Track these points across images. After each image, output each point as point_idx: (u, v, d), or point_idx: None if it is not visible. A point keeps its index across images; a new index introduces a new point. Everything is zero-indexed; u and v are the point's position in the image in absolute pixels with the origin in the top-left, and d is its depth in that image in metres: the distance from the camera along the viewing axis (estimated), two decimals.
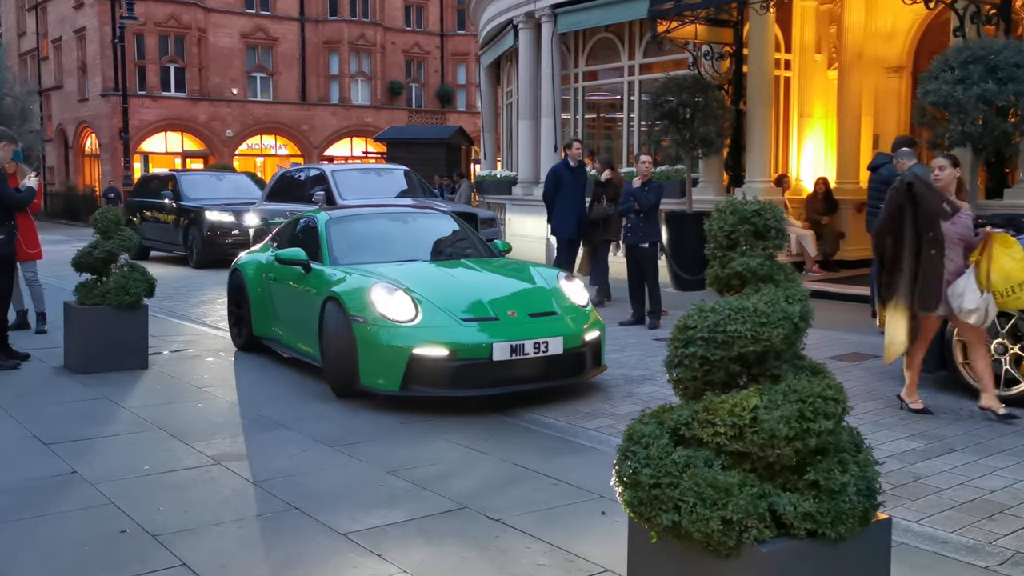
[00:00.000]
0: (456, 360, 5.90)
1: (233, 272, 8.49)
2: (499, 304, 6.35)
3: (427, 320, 6.06)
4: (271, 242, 8.34)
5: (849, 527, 2.53)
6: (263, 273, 7.90)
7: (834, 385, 2.69)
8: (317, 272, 7.01)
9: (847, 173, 13.54)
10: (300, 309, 7.10)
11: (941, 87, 8.99)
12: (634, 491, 2.67)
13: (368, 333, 6.08)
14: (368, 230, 7.80)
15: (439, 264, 7.33)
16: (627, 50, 15.38)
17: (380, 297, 6.17)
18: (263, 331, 7.89)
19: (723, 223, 2.80)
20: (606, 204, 10.48)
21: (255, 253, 8.50)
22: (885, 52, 13.98)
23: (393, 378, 5.98)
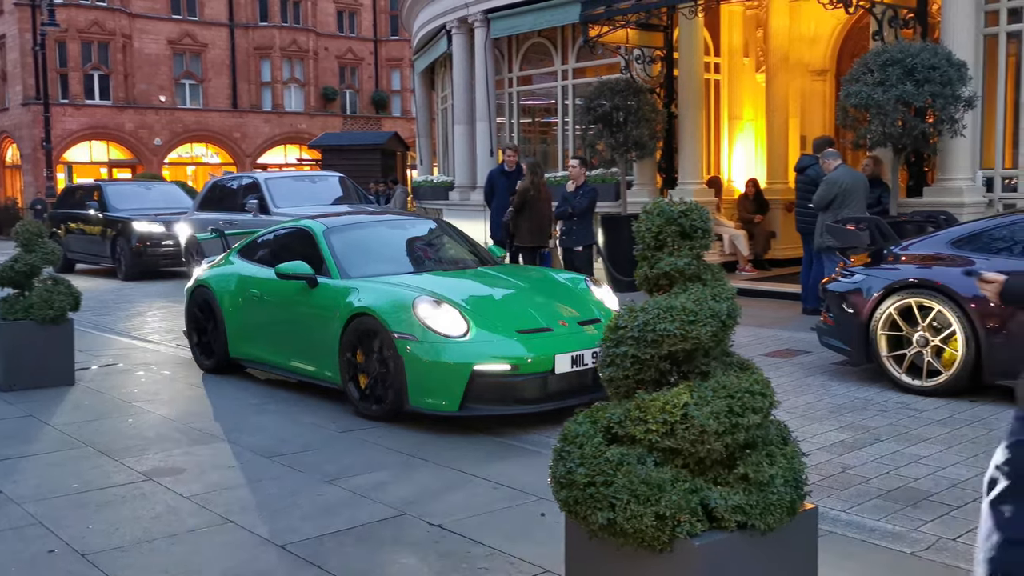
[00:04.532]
0: (518, 375, 5.59)
1: (197, 288, 7.72)
2: (547, 314, 6.06)
3: (482, 334, 5.69)
4: (240, 256, 7.64)
5: (777, 518, 2.59)
6: (244, 288, 7.25)
7: (761, 380, 2.76)
8: (328, 287, 6.45)
9: (776, 174, 13.86)
10: (307, 327, 6.54)
11: (862, 89, 9.28)
12: (569, 491, 2.70)
13: (419, 350, 5.63)
14: (369, 240, 7.31)
15: (461, 274, 6.91)
16: (560, 54, 15.51)
17: (428, 311, 5.73)
18: (244, 352, 7.24)
19: (650, 224, 2.85)
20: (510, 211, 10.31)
21: (221, 266, 7.73)
22: (809, 56, 14.35)
23: (452, 397, 5.57)
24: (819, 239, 8.93)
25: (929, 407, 5.97)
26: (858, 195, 8.90)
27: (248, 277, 7.29)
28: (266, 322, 7.03)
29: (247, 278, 7.29)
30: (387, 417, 5.85)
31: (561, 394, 5.74)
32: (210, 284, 7.58)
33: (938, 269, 6.38)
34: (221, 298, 7.39)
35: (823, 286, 7.25)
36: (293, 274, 6.55)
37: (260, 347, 7.08)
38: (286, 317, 6.82)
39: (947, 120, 9.21)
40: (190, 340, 7.88)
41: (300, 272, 6.54)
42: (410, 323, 5.70)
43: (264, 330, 7.05)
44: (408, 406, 5.74)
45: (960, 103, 9.16)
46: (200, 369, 7.65)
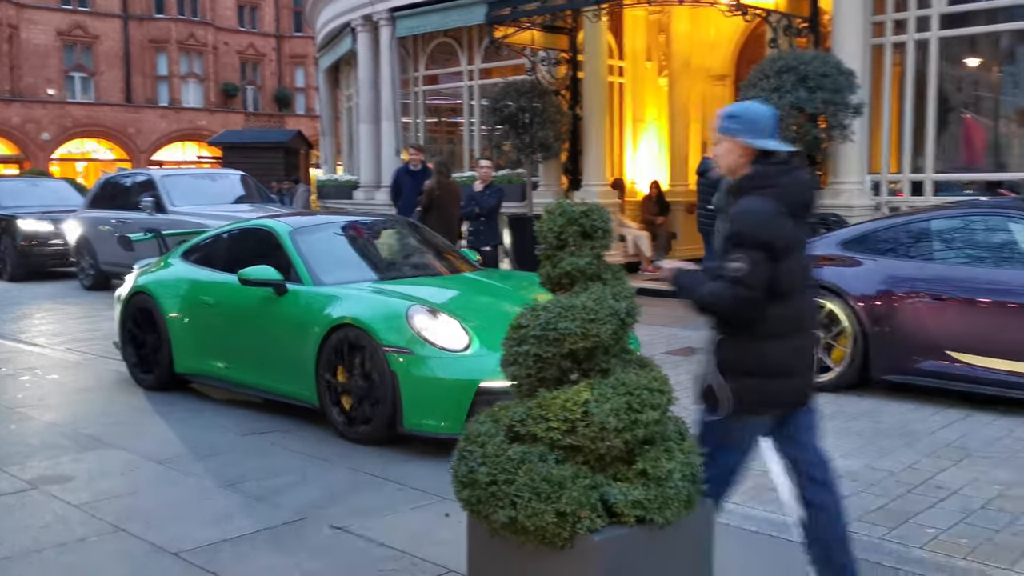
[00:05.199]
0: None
1: (134, 296, 6.89)
2: None
3: (485, 346, 5.13)
4: (185, 259, 6.91)
5: (675, 512, 2.65)
6: (193, 296, 6.51)
7: (660, 377, 2.82)
8: (300, 295, 5.79)
9: (678, 176, 14.18)
10: (275, 340, 5.86)
11: (758, 95, 9.56)
12: (471, 490, 2.71)
13: (416, 366, 5.09)
14: (340, 243, 6.68)
15: (447, 281, 6.38)
16: (466, 55, 15.52)
17: (424, 322, 5.20)
18: (194, 367, 6.50)
19: (552, 224, 2.88)
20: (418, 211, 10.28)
21: (161, 271, 6.95)
22: (710, 61, 14.72)
23: (453, 418, 4.99)
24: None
25: (820, 402, 6.18)
26: None
27: (198, 283, 6.55)
28: (222, 334, 6.31)
29: (197, 284, 6.55)
30: (376, 440, 5.24)
31: None
32: (151, 291, 6.75)
33: (829, 269, 6.62)
34: (165, 307, 6.59)
35: None
36: (258, 280, 5.85)
37: (215, 362, 6.35)
38: (248, 328, 6.11)
39: (838, 126, 9.58)
40: (124, 354, 7.04)
41: (267, 278, 5.83)
42: (404, 335, 5.15)
43: (220, 343, 6.33)
44: (402, 428, 5.17)
45: (849, 110, 9.54)
46: (140, 387, 6.83)
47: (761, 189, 2.98)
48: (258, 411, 6.13)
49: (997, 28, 10.32)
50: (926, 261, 6.36)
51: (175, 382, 6.67)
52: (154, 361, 6.74)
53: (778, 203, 2.95)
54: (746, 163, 3.06)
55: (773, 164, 3.04)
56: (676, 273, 3.11)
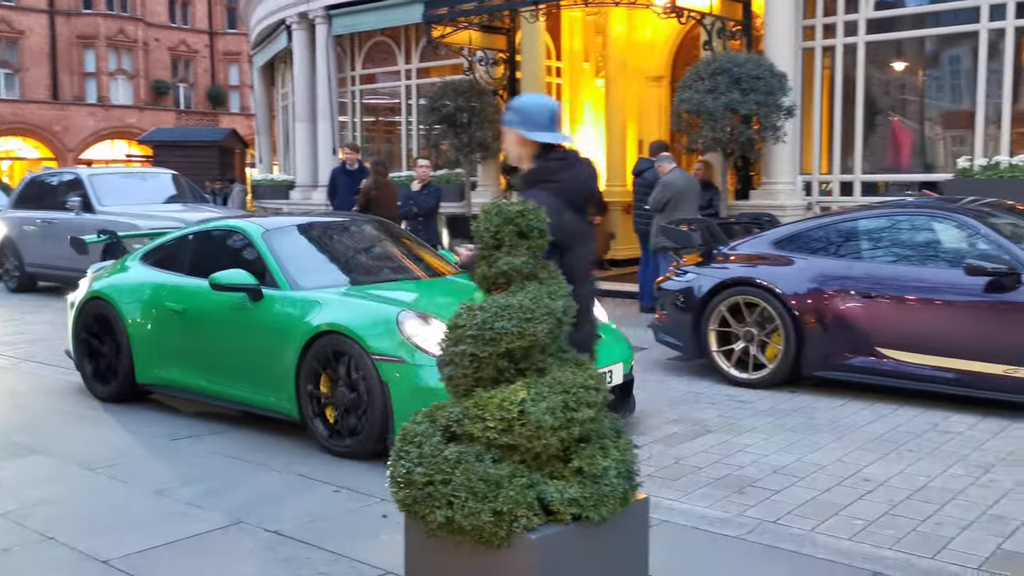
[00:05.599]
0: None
1: (89, 301, 6.47)
2: None
3: None
4: (145, 263, 6.50)
5: (611, 508, 2.68)
6: (157, 301, 6.10)
7: (595, 376, 2.85)
8: (277, 300, 5.45)
9: (616, 177, 14.30)
10: (251, 348, 5.50)
11: (693, 96, 9.72)
12: (408, 490, 2.70)
13: (408, 376, 4.80)
14: (316, 244, 6.33)
15: (433, 284, 6.05)
16: (404, 54, 15.44)
17: (416, 329, 4.91)
18: (158, 377, 6.11)
19: (489, 224, 2.88)
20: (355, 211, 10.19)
21: (118, 274, 6.52)
22: (646, 62, 14.88)
23: None
24: (655, 240, 9.28)
25: (755, 399, 6.32)
26: (691, 197, 9.32)
27: (163, 288, 6.14)
28: (190, 342, 5.92)
29: (162, 289, 6.14)
30: (364, 454, 4.95)
31: None
32: (109, 296, 6.32)
33: (762, 268, 6.75)
34: (125, 313, 6.19)
35: (658, 285, 7.54)
36: (232, 285, 5.48)
37: (183, 372, 5.96)
38: (220, 336, 5.73)
39: (770, 127, 9.77)
40: (79, 363, 6.63)
41: (241, 283, 5.48)
42: (395, 343, 4.88)
43: (188, 352, 5.93)
44: (393, 441, 4.94)
45: (781, 111, 9.74)
46: (95, 398, 6.43)
47: (543, 184, 3.09)
48: (190, 415, 6.02)
49: (922, 33, 10.63)
50: (855, 260, 6.52)
51: (136, 394, 6.29)
52: (112, 371, 6.34)
53: (559, 198, 3.06)
54: (528, 155, 3.18)
55: (554, 159, 3.15)
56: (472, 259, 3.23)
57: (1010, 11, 9.50)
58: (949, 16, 10.19)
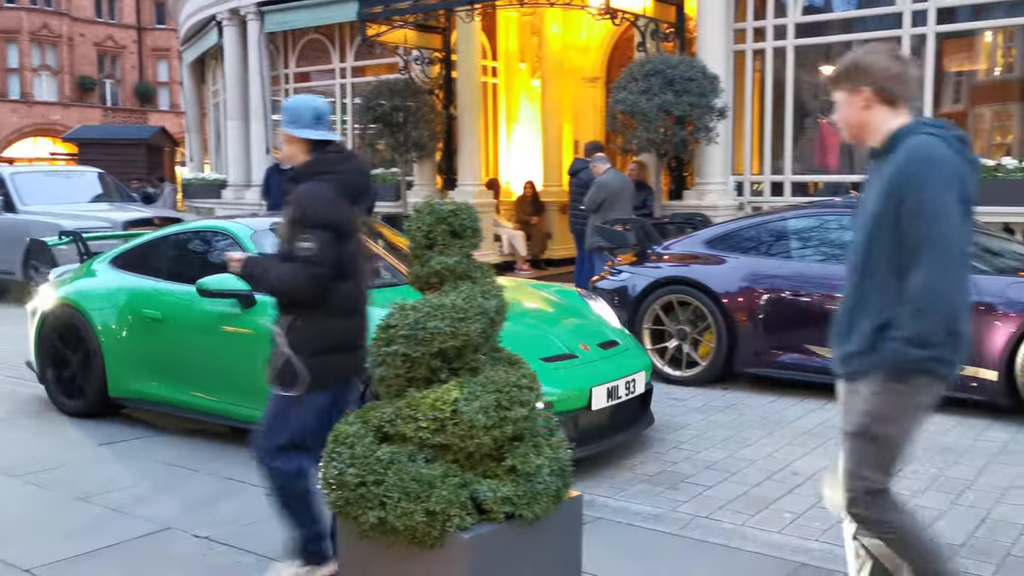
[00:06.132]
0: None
1: (55, 308, 5.98)
2: (564, 337, 5.11)
3: None
4: (116, 267, 6.02)
5: (544, 506, 2.69)
6: (133, 309, 5.66)
7: (529, 374, 2.85)
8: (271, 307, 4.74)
9: (552, 177, 14.36)
10: (241, 359, 5.00)
11: (628, 97, 9.80)
12: (340, 492, 2.67)
13: None
14: None
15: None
16: (338, 52, 15.28)
17: None
18: (134, 390, 5.68)
19: (421, 224, 2.87)
20: None
21: (85, 279, 6.05)
22: (582, 63, 14.97)
23: None
24: (590, 239, 9.34)
25: (688, 396, 6.41)
26: (625, 197, 9.41)
27: (140, 294, 5.70)
28: (172, 353, 5.49)
29: (138, 295, 5.70)
30: None
31: (594, 435, 4.82)
32: (78, 303, 5.85)
33: (695, 267, 6.86)
34: (96, 321, 5.74)
35: (593, 284, 7.60)
36: (222, 291, 5.00)
37: (163, 385, 5.55)
38: (206, 346, 5.31)
39: (703, 128, 9.91)
40: (42, 376, 6.14)
41: (232, 289, 4.96)
42: None
43: (169, 363, 5.52)
44: None
45: (714, 113, 9.89)
46: (62, 413, 5.98)
47: (320, 175, 3.21)
48: (118, 420, 5.86)
49: (849, 38, 10.89)
50: (785, 259, 6.66)
51: (107, 408, 5.87)
52: (82, 384, 5.88)
53: (336, 188, 3.18)
54: (301, 152, 3.30)
55: (331, 152, 3.29)
56: (245, 262, 3.34)
57: (931, 17, 9.79)
58: (874, 21, 10.47)
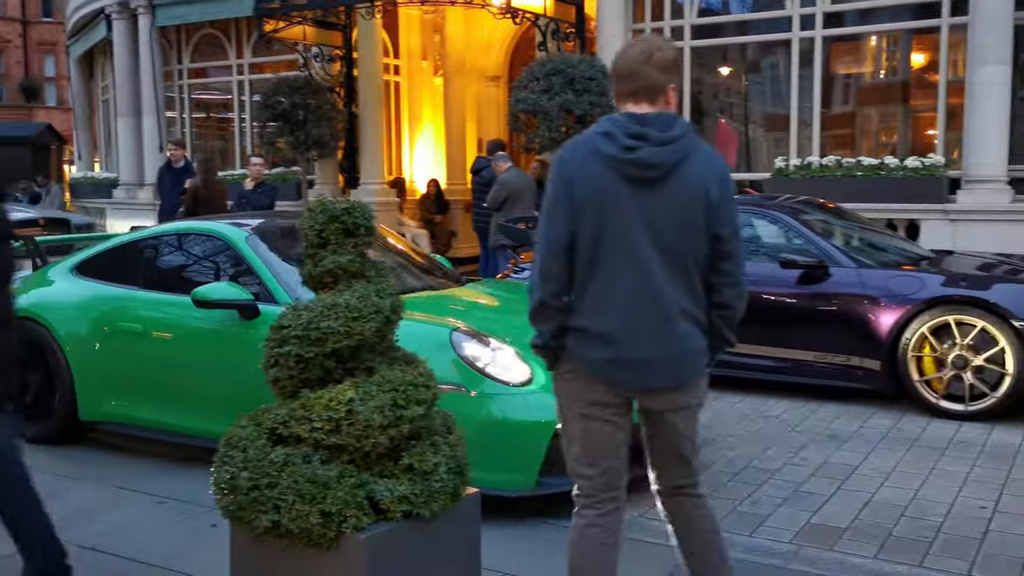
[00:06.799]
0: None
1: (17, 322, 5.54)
2: None
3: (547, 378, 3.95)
4: (82, 275, 5.47)
5: (441, 504, 2.69)
6: (109, 321, 5.12)
7: (425, 373, 2.84)
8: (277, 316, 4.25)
9: (456, 175, 14.36)
10: (243, 376, 4.34)
11: (529, 96, 9.86)
12: (233, 496, 2.62)
13: (473, 408, 4.00)
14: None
15: (457, 296, 5.27)
16: (235, 48, 14.93)
17: (476, 350, 4.17)
18: (110, 412, 5.13)
19: (313, 222, 2.82)
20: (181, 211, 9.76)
21: (46, 289, 5.49)
22: (484, 62, 15.00)
23: (526, 469, 4.02)
24: (493, 237, 9.38)
25: None
26: (527, 196, 9.48)
27: (115, 305, 5.16)
28: (157, 370, 4.96)
29: (115, 307, 5.15)
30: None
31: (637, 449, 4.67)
32: (40, 317, 5.25)
33: None
34: (63, 337, 5.18)
35: None
36: (221, 301, 4.55)
37: (145, 406, 5.01)
38: (199, 362, 4.79)
39: None
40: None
41: (233, 298, 4.54)
42: (454, 369, 4.08)
43: (152, 382, 5.00)
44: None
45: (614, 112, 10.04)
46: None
47: None
48: None
49: (743, 40, 11.22)
50: None
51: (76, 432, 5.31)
52: (46, 407, 5.29)
53: None
54: None
55: None
56: None
57: (818, 22, 10.16)
58: (767, 24, 10.80)
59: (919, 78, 10.26)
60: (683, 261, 2.55)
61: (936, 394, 5.73)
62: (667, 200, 2.53)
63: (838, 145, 10.51)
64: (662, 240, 2.53)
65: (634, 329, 2.55)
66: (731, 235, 2.58)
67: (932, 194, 8.90)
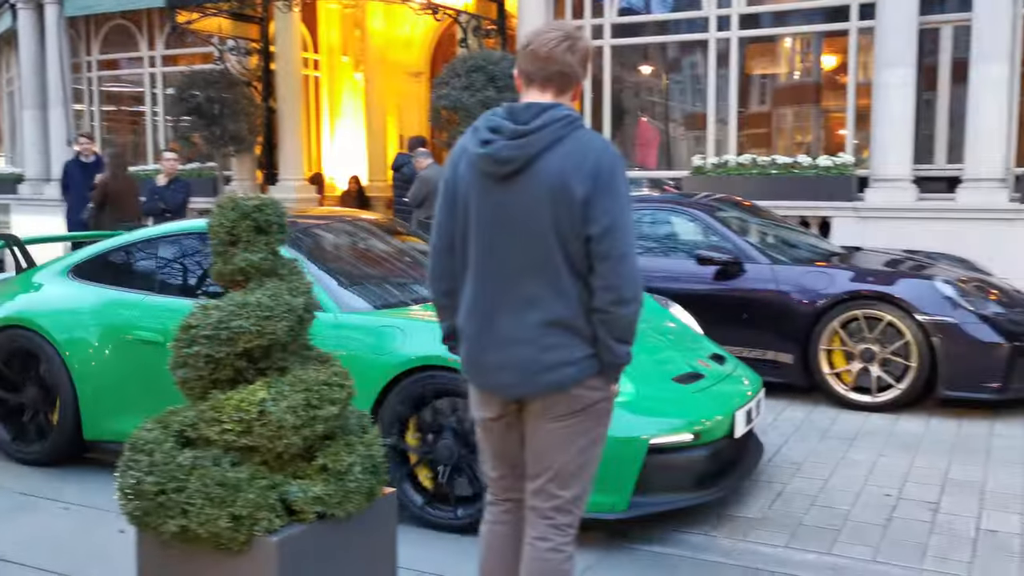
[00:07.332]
0: (700, 446, 3.86)
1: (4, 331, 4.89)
2: (678, 351, 4.48)
3: (640, 389, 3.84)
4: (82, 278, 4.98)
5: (356, 504, 2.65)
6: (118, 329, 4.64)
7: (340, 372, 2.80)
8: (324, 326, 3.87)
9: (377, 171, 14.23)
10: None
11: (451, 92, 9.85)
12: (138, 501, 2.54)
13: None
14: (346, 251, 5.02)
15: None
16: (147, 40, 14.50)
17: None
18: (117, 431, 4.47)
19: (223, 219, 2.76)
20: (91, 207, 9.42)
21: (38, 294, 5.00)
22: (406, 57, 14.89)
23: (619, 489, 3.66)
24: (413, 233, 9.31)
25: None
26: None
27: (125, 311, 4.67)
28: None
29: (123, 313, 4.66)
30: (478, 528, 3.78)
31: (739, 468, 4.19)
32: (37, 325, 4.77)
33: None
34: (64, 347, 4.70)
35: None
36: None
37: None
38: None
39: None
40: None
41: None
42: None
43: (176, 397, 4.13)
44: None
45: None
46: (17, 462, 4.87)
47: None
48: None
49: (662, 39, 11.37)
50: None
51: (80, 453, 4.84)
52: (44, 425, 4.86)
53: None
54: None
55: None
56: None
57: (734, 23, 10.37)
58: (686, 25, 10.96)
59: (831, 79, 10.56)
60: (549, 262, 2.33)
61: (845, 386, 5.91)
62: (522, 197, 2.34)
63: (755, 144, 10.75)
64: (521, 240, 2.35)
65: (490, 333, 2.42)
66: (603, 234, 2.29)
67: (842, 192, 9.18)
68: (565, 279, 2.34)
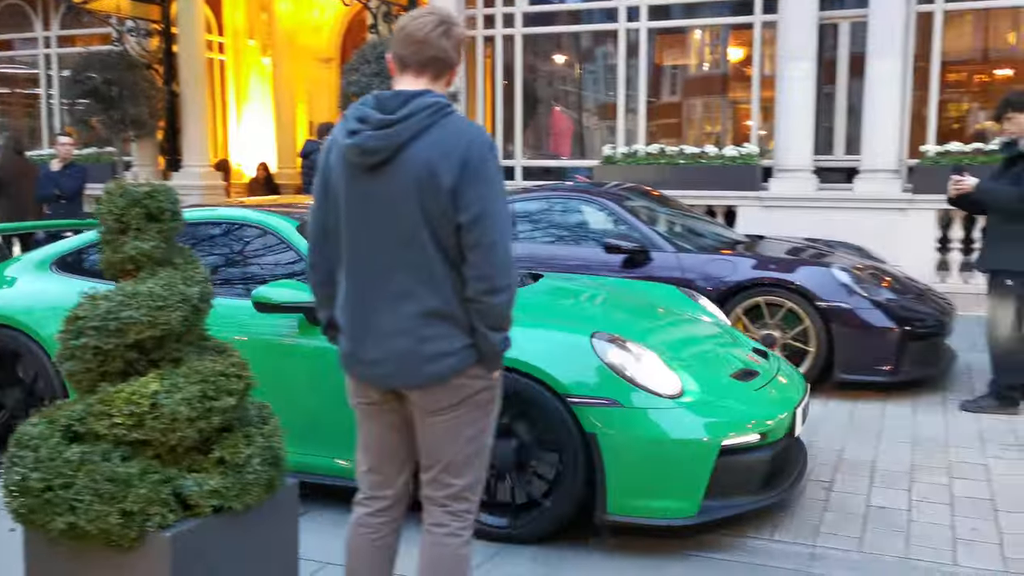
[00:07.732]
0: (765, 446, 3.75)
1: None
2: (727, 347, 4.35)
3: (701, 389, 3.74)
4: (68, 271, 4.65)
5: (255, 497, 2.60)
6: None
7: (237, 363, 2.73)
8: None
9: (286, 158, 13.98)
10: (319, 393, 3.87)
11: (360, 79, 9.73)
12: (24, 498, 2.45)
13: (626, 424, 3.52)
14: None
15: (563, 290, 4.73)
16: (42, 19, 13.91)
17: (621, 356, 3.66)
18: None
19: (112, 206, 2.65)
20: None
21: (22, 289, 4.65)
22: (315, 43, 14.65)
23: (688, 493, 3.54)
24: None
25: None
26: None
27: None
28: None
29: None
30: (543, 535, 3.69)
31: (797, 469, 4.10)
32: (22, 323, 4.44)
33: None
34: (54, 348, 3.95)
35: None
36: (287, 304, 3.83)
37: None
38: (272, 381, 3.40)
39: None
40: None
41: (303, 301, 3.76)
42: (601, 379, 3.59)
43: None
44: (604, 515, 3.59)
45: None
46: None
47: None
48: None
49: (574, 29, 11.44)
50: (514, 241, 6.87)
51: None
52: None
53: None
54: None
55: None
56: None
57: (643, 14, 10.51)
58: (597, 14, 11.07)
59: (737, 71, 10.81)
60: (420, 253, 2.31)
61: None
62: (390, 188, 2.31)
63: (666, 134, 10.94)
64: (390, 232, 2.32)
65: (363, 325, 2.41)
66: (473, 222, 2.26)
67: (748, 182, 9.42)
68: (438, 270, 2.33)
